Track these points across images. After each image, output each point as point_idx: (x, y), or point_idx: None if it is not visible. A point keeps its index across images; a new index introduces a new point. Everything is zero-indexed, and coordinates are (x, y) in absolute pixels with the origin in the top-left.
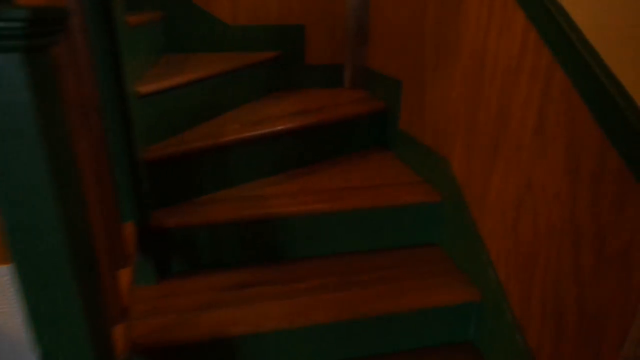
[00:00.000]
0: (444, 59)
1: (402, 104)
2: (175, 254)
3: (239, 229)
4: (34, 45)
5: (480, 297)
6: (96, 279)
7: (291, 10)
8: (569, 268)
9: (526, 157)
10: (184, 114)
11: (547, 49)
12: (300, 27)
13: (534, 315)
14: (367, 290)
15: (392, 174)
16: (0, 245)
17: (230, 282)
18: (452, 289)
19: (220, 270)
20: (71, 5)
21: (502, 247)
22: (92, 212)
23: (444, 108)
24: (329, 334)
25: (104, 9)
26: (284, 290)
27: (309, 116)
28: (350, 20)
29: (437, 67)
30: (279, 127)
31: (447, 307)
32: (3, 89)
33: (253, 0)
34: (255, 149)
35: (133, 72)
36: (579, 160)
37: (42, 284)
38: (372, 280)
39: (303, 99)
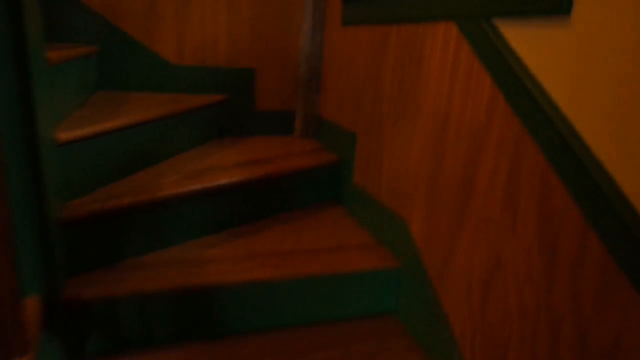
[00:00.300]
0: (403, 116)
1: (356, 158)
2: (94, 332)
3: (173, 300)
4: None
5: None
6: None
7: (241, 53)
8: None
9: (495, 231)
10: (114, 162)
11: (516, 118)
12: (250, 70)
13: None
14: None
15: (346, 234)
16: None
17: None
18: None
19: (149, 351)
20: None
21: (467, 325)
22: None
23: (402, 166)
24: None
25: (12, 42)
26: None
27: (257, 168)
28: (302, 67)
29: (395, 124)
30: (223, 181)
31: None
32: None
33: (201, 40)
34: (196, 205)
35: (51, 115)
36: (555, 242)
37: None
38: None
39: (251, 147)
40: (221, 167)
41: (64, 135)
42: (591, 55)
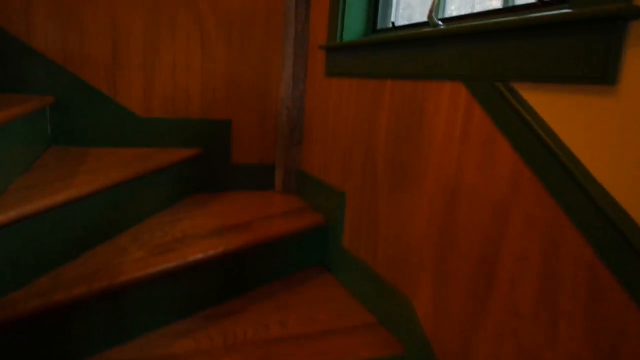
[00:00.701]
0: (402, 181)
1: (346, 219)
2: None
3: None
4: None
5: None
6: None
7: (216, 103)
8: None
9: (528, 329)
10: (64, 241)
11: (550, 197)
12: (226, 122)
13: None
14: None
15: (338, 310)
16: None
17: None
18: None
19: None
20: None
21: None
22: None
23: (404, 237)
24: None
25: None
26: None
27: (234, 236)
28: (283, 118)
29: (393, 188)
30: (196, 256)
31: None
32: None
33: (172, 89)
34: (165, 287)
35: None
36: (617, 354)
37: None
38: None
39: (227, 207)
40: (194, 235)
41: None
42: None
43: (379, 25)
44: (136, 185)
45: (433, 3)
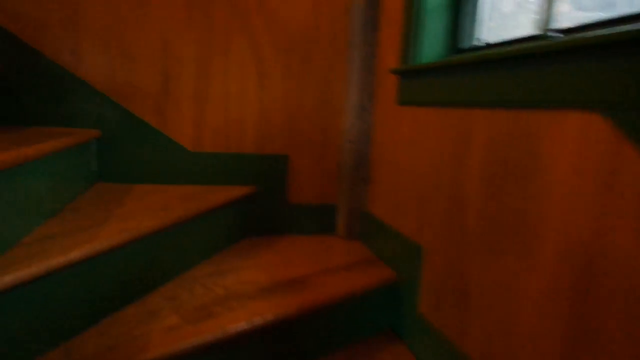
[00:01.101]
0: (504, 241)
1: (423, 279)
2: None
3: None
4: None
5: None
6: None
7: (272, 137)
8: None
9: None
10: (79, 305)
11: None
12: (282, 157)
13: None
14: None
15: None
16: None
17: None
18: None
19: None
20: None
21: None
22: None
23: (510, 313)
24: None
25: None
26: None
27: (287, 297)
28: (346, 153)
29: (491, 249)
30: (240, 326)
31: None
32: None
33: (224, 122)
34: None
35: None
36: None
37: None
38: None
39: (282, 255)
40: (239, 294)
41: (3, 278)
42: None
43: (461, 44)
44: (177, 232)
45: (545, 11)
